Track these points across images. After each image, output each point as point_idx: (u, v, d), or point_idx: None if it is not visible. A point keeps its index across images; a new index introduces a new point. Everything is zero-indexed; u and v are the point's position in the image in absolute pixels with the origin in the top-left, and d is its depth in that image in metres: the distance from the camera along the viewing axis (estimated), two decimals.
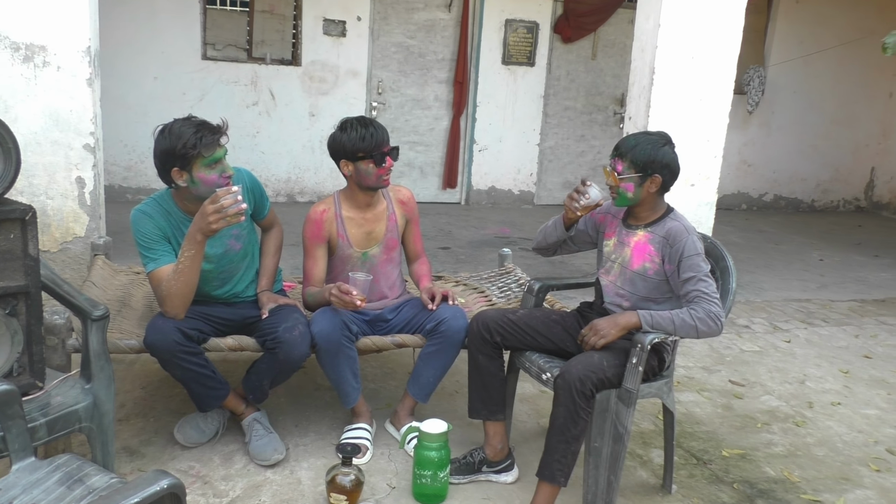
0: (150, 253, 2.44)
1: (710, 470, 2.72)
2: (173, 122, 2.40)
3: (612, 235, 2.54)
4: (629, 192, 2.37)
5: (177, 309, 2.38)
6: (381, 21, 7.33)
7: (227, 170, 2.43)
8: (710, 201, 4.48)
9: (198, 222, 2.30)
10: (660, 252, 2.36)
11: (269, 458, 2.52)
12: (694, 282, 2.26)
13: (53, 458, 1.69)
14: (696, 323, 2.21)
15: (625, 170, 2.35)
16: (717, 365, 3.76)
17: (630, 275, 2.41)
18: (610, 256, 2.51)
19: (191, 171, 2.38)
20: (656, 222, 2.41)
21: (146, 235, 2.45)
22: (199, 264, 2.36)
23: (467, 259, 5.57)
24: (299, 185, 7.38)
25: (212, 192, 2.35)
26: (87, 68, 3.52)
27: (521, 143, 7.92)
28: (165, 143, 2.36)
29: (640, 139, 2.37)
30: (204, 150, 2.35)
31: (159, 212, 2.50)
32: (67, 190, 3.62)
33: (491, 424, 2.55)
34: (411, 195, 2.96)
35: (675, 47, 4.15)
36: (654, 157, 2.33)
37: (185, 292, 2.37)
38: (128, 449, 2.60)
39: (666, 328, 2.24)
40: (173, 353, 2.34)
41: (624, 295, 2.44)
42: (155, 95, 6.74)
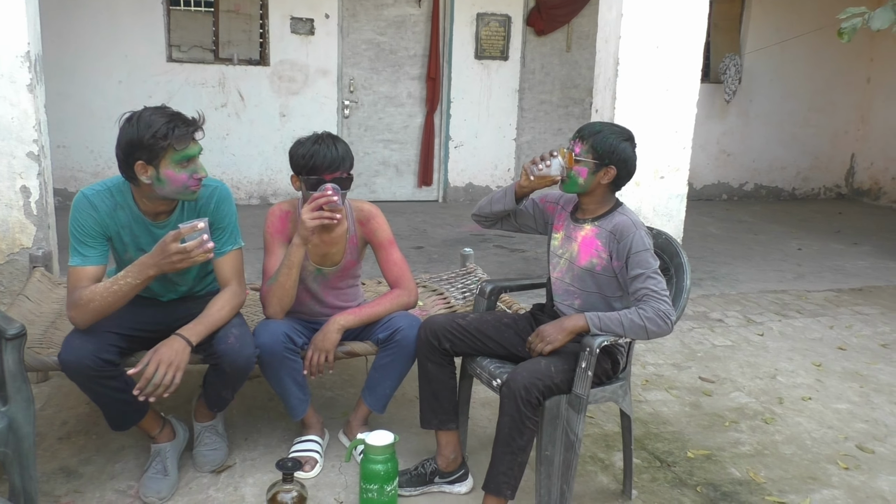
0: (79, 247, 2.20)
1: (673, 473, 2.63)
2: (143, 110, 2.14)
3: (559, 229, 2.44)
4: (581, 178, 2.28)
5: (84, 322, 2.15)
6: (350, 18, 7.21)
7: (199, 171, 2.19)
8: (681, 193, 4.39)
9: (156, 257, 2.06)
10: (607, 247, 2.27)
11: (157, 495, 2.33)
12: (642, 279, 2.16)
13: None
14: (644, 323, 2.11)
15: (583, 153, 2.26)
16: (688, 361, 3.68)
17: (578, 271, 2.33)
18: (557, 252, 2.42)
19: (158, 166, 2.11)
20: (604, 216, 2.32)
21: (81, 227, 2.20)
22: (134, 294, 2.15)
23: (440, 258, 5.47)
24: (272, 186, 7.27)
25: (180, 192, 2.18)
26: (28, 74, 3.40)
27: (498, 138, 7.83)
28: (132, 132, 2.08)
29: (605, 127, 2.29)
30: (176, 142, 2.09)
31: (108, 204, 2.24)
32: (12, 200, 3.49)
33: (443, 434, 2.45)
34: (374, 214, 2.62)
35: (639, 37, 4.05)
36: (615, 148, 2.25)
37: (102, 311, 2.14)
38: (65, 469, 2.48)
39: (615, 330, 2.14)
40: (88, 376, 2.14)
41: (574, 292, 2.35)
42: (120, 100, 6.59)
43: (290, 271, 2.41)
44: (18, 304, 2.67)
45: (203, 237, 2.04)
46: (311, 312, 2.68)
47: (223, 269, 2.39)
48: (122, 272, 2.14)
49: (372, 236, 2.63)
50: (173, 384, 2.11)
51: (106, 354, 2.15)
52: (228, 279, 2.39)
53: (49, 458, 2.53)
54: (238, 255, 2.43)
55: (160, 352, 2.13)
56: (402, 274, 2.64)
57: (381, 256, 2.64)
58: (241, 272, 2.43)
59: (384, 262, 2.64)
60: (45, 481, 2.38)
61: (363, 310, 2.58)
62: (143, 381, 2.09)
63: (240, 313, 2.44)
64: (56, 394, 2.98)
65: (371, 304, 2.60)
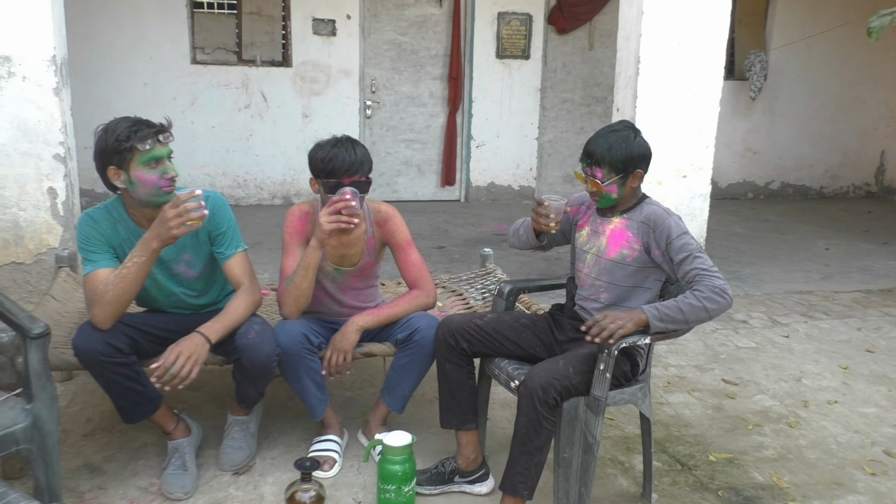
0: (89, 256, 2.30)
1: (694, 476, 2.60)
2: (112, 120, 2.25)
3: (584, 225, 2.44)
4: (613, 194, 2.28)
5: (105, 316, 2.20)
6: (372, 18, 7.23)
7: (168, 171, 2.25)
8: (704, 192, 4.34)
9: (156, 228, 2.15)
10: (640, 238, 2.26)
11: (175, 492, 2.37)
12: (689, 261, 2.16)
13: None
14: (704, 304, 2.09)
15: (605, 175, 2.25)
16: (711, 363, 3.63)
17: (606, 264, 2.32)
18: (584, 247, 2.41)
19: (128, 169, 2.20)
20: (632, 209, 2.33)
21: (87, 239, 2.31)
22: (145, 274, 2.22)
23: (461, 258, 5.47)
24: (295, 186, 7.32)
25: (152, 194, 2.25)
26: (54, 77, 3.45)
27: (520, 137, 7.80)
28: (102, 140, 2.20)
29: (611, 140, 2.24)
30: (138, 143, 2.17)
31: (107, 219, 2.35)
32: (39, 201, 3.56)
33: (463, 434, 2.45)
34: (391, 215, 2.63)
35: (661, 35, 4.01)
36: (631, 153, 2.24)
37: (118, 300, 2.19)
38: (89, 465, 2.52)
39: (675, 318, 2.11)
40: (98, 361, 2.19)
41: (600, 286, 2.34)
42: (145, 102, 6.69)
43: (307, 273, 2.43)
44: (45, 303, 2.72)
45: (201, 202, 2.13)
46: (330, 312, 2.69)
47: (232, 273, 2.44)
48: (128, 256, 2.21)
49: (390, 237, 2.64)
50: (189, 377, 2.17)
51: (116, 341, 2.21)
52: (240, 280, 2.43)
53: (74, 455, 2.57)
54: (243, 256, 2.47)
55: (181, 344, 2.21)
56: (421, 275, 2.64)
57: (400, 257, 2.65)
58: (250, 272, 2.47)
59: (402, 263, 2.65)
60: (69, 477, 2.42)
61: (381, 311, 2.58)
62: (162, 370, 2.16)
63: (260, 315, 2.46)
64: (81, 392, 3.03)
65: (389, 305, 2.60)
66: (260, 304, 2.45)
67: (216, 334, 2.27)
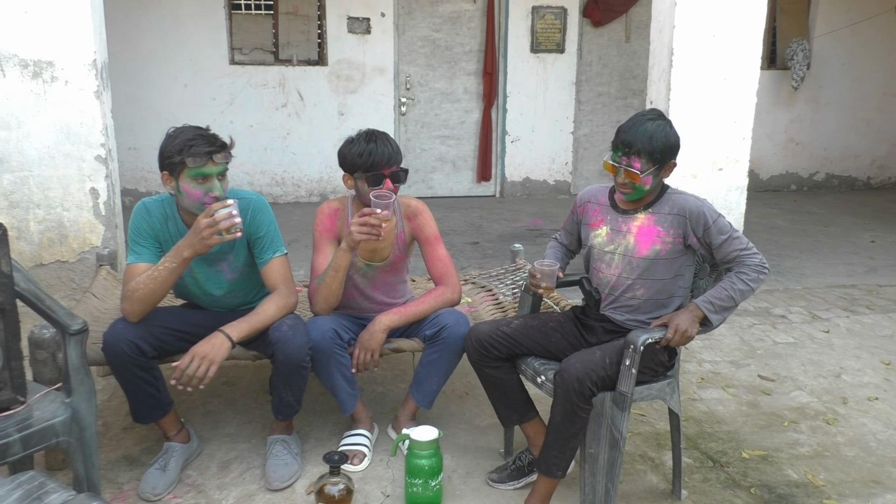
0: (135, 247, 2.38)
1: (726, 473, 2.57)
2: (182, 126, 2.32)
3: (600, 224, 2.38)
4: (648, 185, 2.22)
5: (133, 312, 2.28)
6: (406, 16, 7.26)
7: (214, 190, 2.28)
8: (741, 185, 4.26)
9: (189, 238, 2.21)
10: (672, 230, 2.23)
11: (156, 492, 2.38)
12: (729, 243, 2.18)
13: (16, 476, 1.67)
14: (750, 285, 2.16)
15: (644, 165, 2.18)
16: (747, 359, 3.57)
17: (640, 262, 2.27)
18: (605, 248, 2.35)
19: (178, 179, 2.28)
20: (655, 202, 2.28)
21: (137, 230, 2.40)
22: (174, 279, 2.28)
23: (495, 254, 5.46)
24: (332, 183, 7.40)
25: (195, 207, 2.30)
26: (95, 81, 3.56)
27: (555, 132, 7.76)
28: (163, 144, 2.28)
29: (649, 129, 2.17)
30: (189, 159, 2.22)
31: (160, 213, 2.42)
32: (82, 201, 3.67)
33: (528, 426, 2.45)
34: (421, 210, 2.67)
35: (695, 25, 3.95)
36: (670, 142, 2.20)
37: (146, 300, 2.27)
38: (128, 458, 2.60)
39: (728, 306, 2.17)
40: (120, 359, 2.27)
41: (634, 285, 2.30)
42: (185, 103, 6.84)
43: (337, 274, 2.47)
44: (85, 300, 2.81)
45: (232, 212, 2.16)
46: (360, 308, 2.72)
47: (269, 277, 2.47)
48: (159, 263, 2.28)
49: (419, 232, 2.67)
50: (206, 377, 2.22)
51: (142, 343, 2.28)
52: (276, 285, 2.46)
53: (114, 447, 2.66)
54: (282, 261, 2.49)
55: (199, 346, 2.25)
56: (447, 270, 2.66)
57: (427, 252, 2.67)
58: (287, 278, 2.49)
59: (429, 259, 2.67)
60: (109, 469, 2.50)
61: (408, 309, 2.61)
62: (178, 371, 2.21)
63: (295, 313, 2.50)
64: None
65: (415, 303, 2.63)
66: (292, 308, 2.47)
67: (239, 333, 2.31)
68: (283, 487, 2.42)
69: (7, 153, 3.52)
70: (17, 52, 3.46)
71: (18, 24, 3.43)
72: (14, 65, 3.46)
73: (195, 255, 2.25)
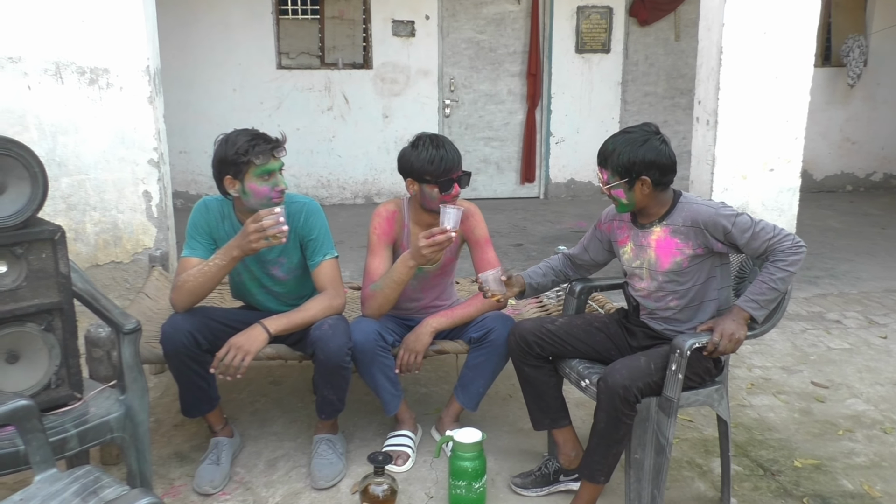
0: (190, 240, 2.48)
1: (777, 482, 2.50)
2: (231, 132, 2.40)
3: (626, 241, 2.36)
4: (622, 199, 2.23)
5: (180, 302, 2.39)
6: (450, 18, 7.28)
7: (279, 184, 2.38)
8: (793, 186, 4.14)
9: (238, 239, 2.30)
10: (689, 241, 2.19)
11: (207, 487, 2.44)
12: (755, 237, 2.12)
13: (73, 471, 1.73)
14: (790, 269, 2.10)
15: (610, 178, 2.21)
16: (799, 365, 3.48)
17: (664, 276, 2.24)
18: (632, 264, 2.33)
19: (243, 180, 2.36)
20: (669, 213, 2.24)
21: (195, 225, 2.50)
22: (222, 275, 2.36)
23: (539, 255, 5.43)
24: (376, 186, 7.46)
25: (262, 203, 2.37)
26: (148, 87, 3.66)
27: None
28: (221, 150, 2.36)
29: (617, 143, 2.19)
30: (255, 157, 2.31)
31: (218, 211, 2.52)
32: (135, 204, 3.78)
33: (558, 432, 2.44)
34: (472, 211, 2.69)
35: (745, 23, 3.86)
36: (635, 158, 2.15)
37: (194, 292, 2.37)
38: (179, 454, 2.67)
39: (773, 298, 2.12)
40: (178, 352, 2.35)
41: (664, 296, 2.27)
42: (234, 107, 6.98)
43: (397, 287, 2.50)
44: (139, 301, 2.89)
45: (279, 219, 2.23)
46: (406, 309, 2.74)
47: (319, 279, 2.53)
48: (210, 258, 2.37)
49: (469, 233, 2.68)
50: (241, 367, 2.30)
51: (198, 335, 2.36)
52: (324, 287, 2.52)
53: (165, 444, 2.73)
54: (332, 264, 2.54)
55: (236, 337, 2.34)
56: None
57: (476, 254, 2.68)
58: (336, 280, 2.53)
59: (478, 261, 2.67)
60: (160, 464, 2.57)
61: (455, 312, 2.61)
62: (216, 360, 2.32)
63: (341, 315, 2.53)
64: (173, 384, 3.16)
65: (462, 306, 2.63)
66: (338, 310, 2.50)
67: (277, 327, 2.38)
68: (328, 486, 2.45)
69: (65, 157, 3.65)
70: (75, 60, 3.58)
71: (76, 32, 3.55)
72: (72, 72, 3.58)
73: (243, 255, 2.32)
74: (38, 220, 2.04)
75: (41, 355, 2.03)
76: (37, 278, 1.99)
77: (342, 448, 2.62)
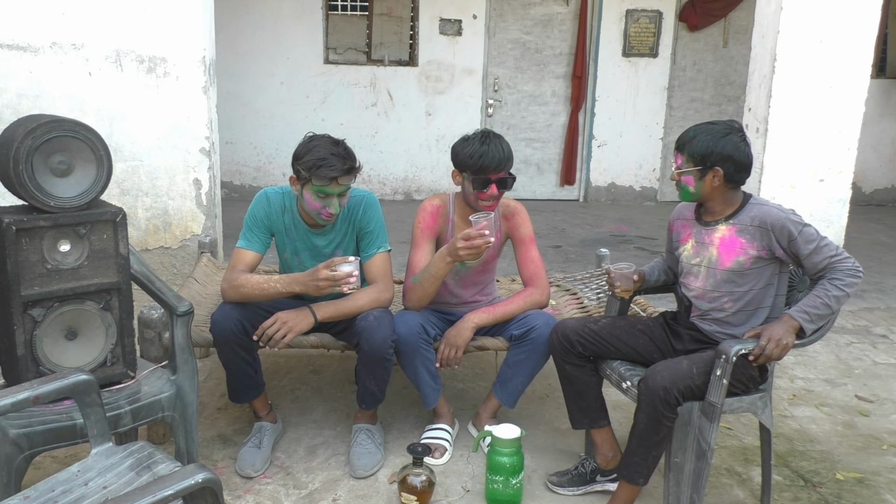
0: (248, 232, 2.53)
1: (819, 494, 2.47)
2: (322, 137, 2.44)
3: (688, 239, 2.36)
4: (690, 187, 2.24)
5: (231, 298, 2.44)
6: (497, 18, 7.29)
7: (331, 207, 2.40)
8: (843, 198, 4.07)
9: (306, 277, 2.33)
10: (756, 241, 2.18)
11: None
12: (818, 251, 2.11)
13: (128, 445, 1.80)
14: (846, 291, 2.09)
15: (684, 163, 2.23)
16: (843, 378, 3.42)
17: (723, 275, 2.23)
18: (691, 261, 2.33)
19: (303, 187, 2.42)
20: (737, 213, 2.23)
21: (254, 217, 2.54)
22: (276, 298, 2.43)
23: (577, 258, 5.42)
24: (416, 183, 7.51)
25: (312, 215, 2.43)
26: (203, 77, 3.74)
27: (643, 137, 7.62)
28: (299, 149, 2.43)
29: (699, 130, 2.22)
30: (315, 178, 2.36)
31: (279, 204, 2.56)
32: (186, 191, 3.86)
33: (597, 432, 2.44)
34: (518, 210, 2.70)
35: (800, 31, 3.80)
36: (713, 148, 2.17)
37: (247, 297, 2.42)
38: (222, 436, 2.73)
39: (824, 314, 2.11)
40: (227, 339, 2.40)
41: (720, 296, 2.26)
42: (280, 100, 7.09)
43: (435, 281, 2.52)
44: (188, 285, 2.97)
45: (353, 272, 2.27)
46: (447, 304, 2.76)
47: (370, 271, 2.57)
48: (275, 277, 2.43)
49: (514, 231, 2.69)
50: (283, 340, 2.36)
51: (247, 324, 2.41)
52: (375, 279, 2.56)
53: (209, 426, 2.79)
54: (385, 257, 2.58)
55: (285, 312, 2.40)
56: (538, 272, 2.66)
57: (520, 252, 2.69)
58: (386, 273, 2.57)
59: (522, 259, 2.68)
60: (204, 446, 2.64)
61: (497, 308, 2.63)
62: (261, 329, 2.38)
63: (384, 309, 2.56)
64: (217, 368, 3.26)
65: (504, 304, 2.65)
66: (385, 303, 2.54)
67: (324, 314, 2.44)
68: (366, 476, 2.49)
69: (121, 143, 3.75)
70: (135, 48, 3.67)
71: (137, 21, 3.65)
72: (131, 60, 3.68)
73: (305, 293, 2.38)
74: (101, 201, 2.11)
75: (99, 333, 2.10)
76: (97, 258, 2.06)
77: (380, 438, 2.66)
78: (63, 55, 3.64)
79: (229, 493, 2.38)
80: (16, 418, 1.87)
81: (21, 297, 1.94)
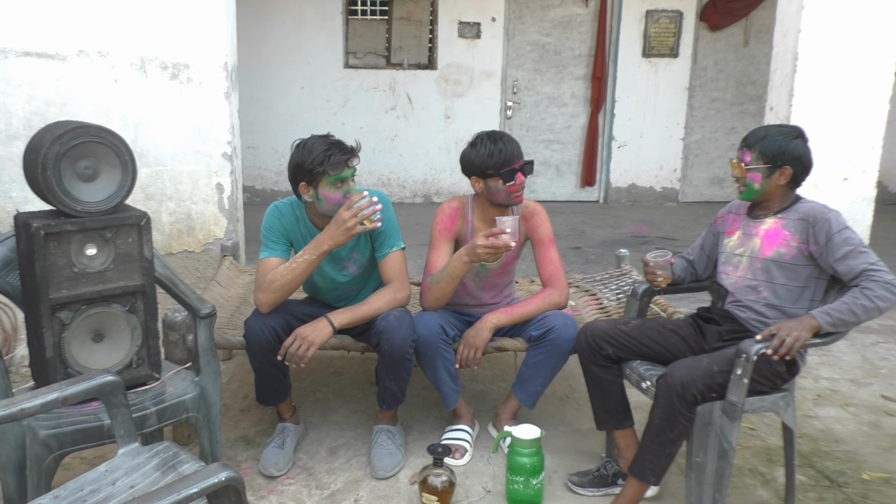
0: (268, 243, 2.55)
1: (844, 494, 2.45)
2: (309, 138, 2.46)
3: (734, 231, 2.40)
4: (756, 184, 2.26)
5: (268, 301, 2.43)
6: (516, 20, 7.29)
7: (351, 191, 2.42)
8: (867, 197, 4.02)
9: (331, 230, 2.35)
10: (798, 234, 2.20)
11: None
12: (853, 256, 2.09)
13: (153, 445, 1.83)
14: (877, 303, 2.03)
15: (753, 160, 2.26)
16: (869, 378, 3.38)
17: (762, 264, 2.26)
18: (735, 251, 2.36)
19: (317, 187, 2.41)
20: (787, 209, 2.27)
21: (269, 228, 2.56)
22: (311, 270, 2.42)
23: (597, 259, 5.41)
24: (435, 185, 7.53)
25: (334, 211, 2.42)
26: (225, 83, 3.79)
27: (664, 138, 7.57)
28: (297, 157, 2.42)
29: (770, 130, 2.28)
30: (330, 168, 2.37)
31: (291, 214, 2.58)
32: (209, 195, 3.92)
33: (620, 435, 2.44)
34: (538, 210, 2.71)
35: (823, 29, 3.77)
36: (785, 148, 2.22)
37: (284, 289, 2.42)
38: (245, 438, 2.77)
39: (848, 321, 2.05)
40: (261, 346, 2.43)
41: (757, 286, 2.27)
42: (302, 104, 7.15)
43: (453, 281, 2.53)
44: (211, 288, 3.01)
45: (374, 198, 2.30)
46: (466, 305, 2.77)
47: (385, 270, 2.58)
48: (299, 252, 2.43)
49: (534, 231, 2.70)
50: (305, 356, 2.38)
51: (280, 329, 2.45)
52: (391, 279, 2.57)
53: (232, 427, 2.83)
54: (399, 256, 2.59)
55: (303, 328, 2.42)
56: (556, 273, 2.67)
57: (539, 253, 2.69)
58: (402, 272, 2.59)
59: (541, 259, 2.69)
60: (227, 447, 2.67)
61: (515, 309, 2.64)
62: (283, 349, 2.41)
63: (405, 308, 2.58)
64: (240, 370, 3.31)
65: (523, 304, 2.65)
66: (403, 302, 2.55)
67: (342, 321, 2.45)
68: (387, 476, 2.51)
69: (145, 149, 3.81)
70: (159, 55, 3.74)
71: (161, 28, 3.71)
72: (156, 66, 3.75)
73: (336, 246, 2.38)
74: (126, 206, 2.15)
75: (124, 335, 2.14)
76: (123, 261, 2.10)
77: (401, 439, 2.67)
78: (89, 63, 3.72)
79: (253, 493, 2.41)
80: (45, 419, 1.92)
81: (49, 301, 1.98)
